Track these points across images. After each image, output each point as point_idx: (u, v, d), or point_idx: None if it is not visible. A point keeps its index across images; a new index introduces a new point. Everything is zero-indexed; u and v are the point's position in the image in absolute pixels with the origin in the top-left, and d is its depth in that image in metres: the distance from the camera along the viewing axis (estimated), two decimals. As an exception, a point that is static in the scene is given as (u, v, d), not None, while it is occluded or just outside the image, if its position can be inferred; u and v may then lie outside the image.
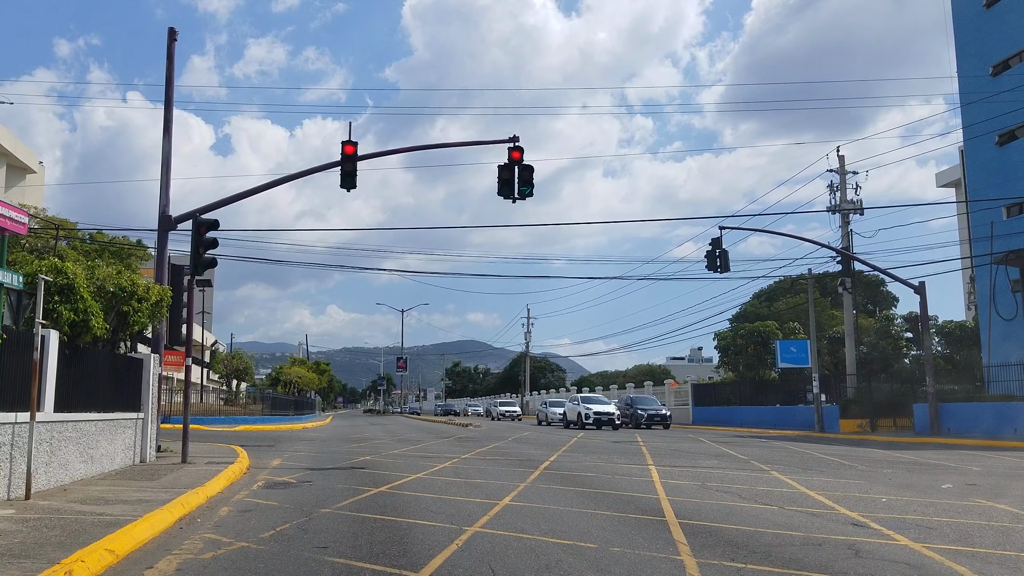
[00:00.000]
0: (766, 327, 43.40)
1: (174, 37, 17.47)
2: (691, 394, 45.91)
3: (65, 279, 10.53)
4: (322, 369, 76.01)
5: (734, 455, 18.75)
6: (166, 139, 17.25)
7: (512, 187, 17.56)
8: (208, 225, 14.39)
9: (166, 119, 17.27)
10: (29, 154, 42.95)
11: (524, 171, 17.56)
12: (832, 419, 31.94)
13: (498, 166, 17.66)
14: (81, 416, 11.20)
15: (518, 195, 17.58)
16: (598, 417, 36.55)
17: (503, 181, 17.56)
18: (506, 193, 17.54)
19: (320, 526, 8.08)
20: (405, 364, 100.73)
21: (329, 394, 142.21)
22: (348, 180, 17.16)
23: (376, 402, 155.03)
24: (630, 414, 39.42)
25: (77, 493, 9.89)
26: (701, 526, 8.09)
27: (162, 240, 16.70)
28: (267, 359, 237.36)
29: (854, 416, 31.26)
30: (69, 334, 10.73)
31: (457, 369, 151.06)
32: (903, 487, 11.99)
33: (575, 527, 8.01)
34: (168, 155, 17.23)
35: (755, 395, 42.46)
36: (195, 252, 14.22)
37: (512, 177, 17.61)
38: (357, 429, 38.16)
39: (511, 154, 17.72)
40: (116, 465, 12.88)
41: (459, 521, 8.34)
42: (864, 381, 33.30)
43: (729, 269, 25.99)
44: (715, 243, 26.05)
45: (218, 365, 45.43)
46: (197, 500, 9.86)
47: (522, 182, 17.57)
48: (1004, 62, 34.64)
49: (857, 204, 32.62)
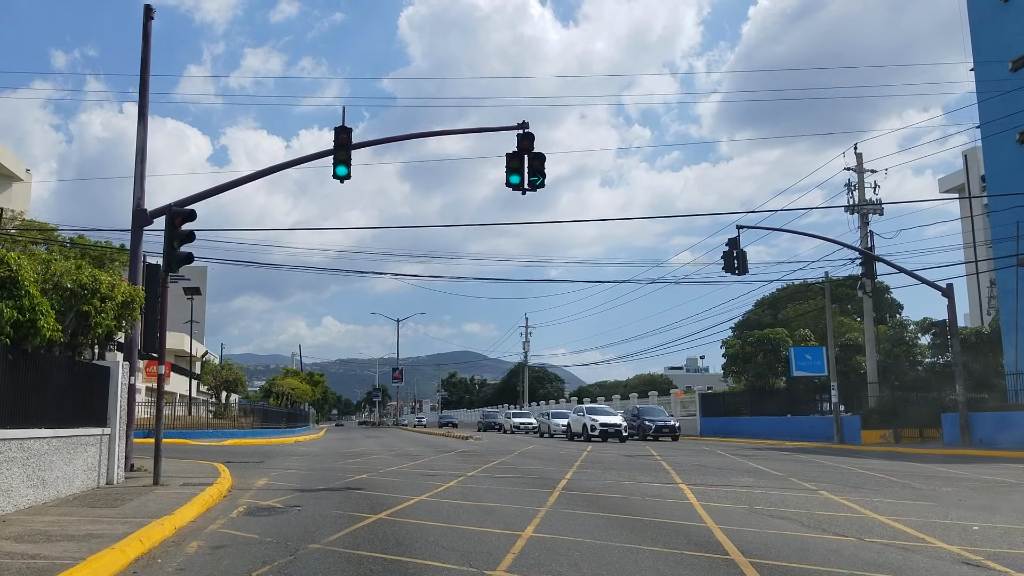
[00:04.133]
0: (776, 334, 41.84)
1: (150, 15, 15.92)
2: (698, 404, 44.31)
3: (7, 271, 8.91)
4: (316, 380, 74.16)
5: (766, 471, 17.16)
6: (141, 127, 15.68)
7: (521, 177, 16.03)
8: (184, 216, 12.80)
9: (141, 104, 15.70)
10: (15, 161, 41.37)
11: (535, 160, 16.02)
12: (853, 430, 30.36)
13: (506, 155, 16.13)
14: (29, 433, 9.57)
15: (528, 186, 16.04)
16: (604, 429, 34.92)
17: (512, 170, 16.04)
18: (515, 183, 16.00)
19: (307, 570, 6.48)
20: (401, 375, 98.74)
21: (324, 406, 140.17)
22: (342, 168, 15.62)
23: (371, 414, 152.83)
24: (637, 425, 37.80)
25: (16, 526, 8.25)
26: (778, 567, 6.51)
27: (136, 237, 15.10)
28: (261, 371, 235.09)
29: (876, 426, 29.69)
30: (12, 336, 9.11)
31: (453, 380, 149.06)
32: (984, 510, 10.41)
33: (625, 570, 6.41)
34: (143, 144, 15.65)
35: (765, 405, 40.89)
36: (169, 246, 12.62)
37: (522, 166, 16.08)
38: (352, 442, 36.44)
39: (520, 142, 16.20)
40: (76, 488, 11.23)
41: (479, 562, 6.74)
42: (886, 389, 31.74)
43: (747, 271, 24.51)
44: (732, 243, 24.54)
45: (207, 376, 43.66)
46: (162, 533, 8.24)
47: (532, 171, 16.03)
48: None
49: (876, 204, 31.13)
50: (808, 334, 43.42)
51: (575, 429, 37.33)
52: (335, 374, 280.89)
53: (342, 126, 15.71)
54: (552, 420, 43.16)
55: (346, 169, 15.75)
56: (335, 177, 15.70)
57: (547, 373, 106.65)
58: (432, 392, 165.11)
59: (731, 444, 32.79)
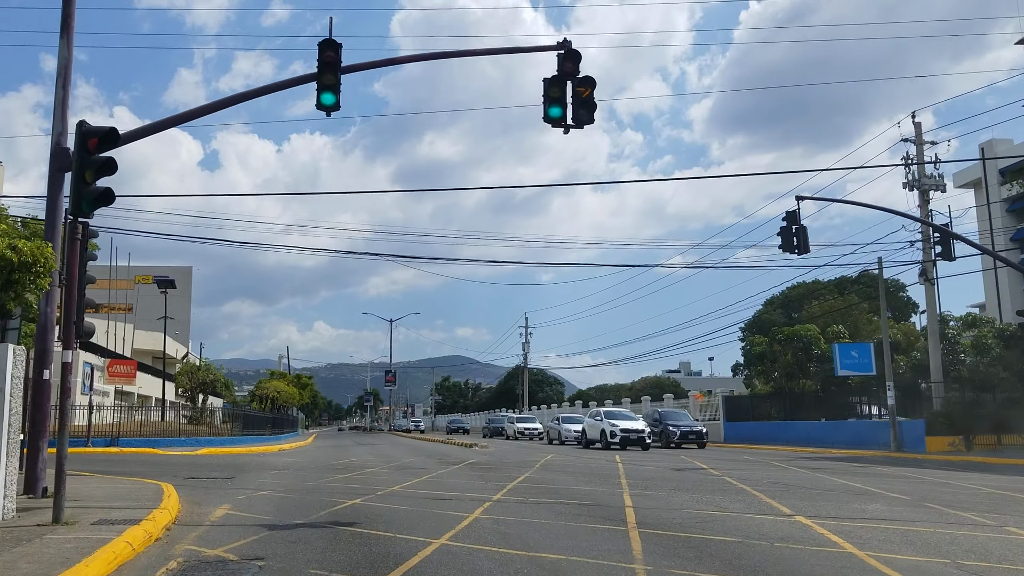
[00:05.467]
0: (807, 331, 38.18)
1: None
2: (722, 407, 40.54)
3: None
4: (304, 383, 69.99)
5: (875, 491, 13.41)
6: (64, 40, 11.85)
7: (564, 109, 12.28)
8: (102, 138, 8.98)
9: (65, 11, 11.88)
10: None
11: (581, 84, 12.26)
12: (913, 436, 26.69)
13: (544, 81, 12.37)
14: None
15: (572, 121, 12.29)
16: (626, 435, 31.12)
17: (551, 100, 12.28)
18: (556, 116, 12.25)
19: None
20: (394, 378, 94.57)
21: (313, 411, 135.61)
22: (328, 95, 11.85)
23: (362, 419, 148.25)
24: (660, 431, 34.06)
25: None
26: None
27: (55, 182, 11.24)
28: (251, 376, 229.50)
29: (942, 432, 26.02)
30: None
31: (447, 384, 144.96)
32: None
33: None
34: (67, 62, 11.82)
35: (795, 409, 37.21)
36: (79, 177, 8.80)
37: (563, 95, 12.33)
38: (343, 451, 32.54)
39: (562, 64, 12.45)
40: (-80, 534, 7.39)
41: None
42: (953, 389, 28.08)
43: (809, 250, 20.81)
44: (790, 218, 20.85)
45: (181, 378, 39.61)
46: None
47: (579, 103, 12.27)
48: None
49: (938, 180, 27.53)
50: (842, 330, 39.76)
51: (591, 435, 33.53)
52: (325, 379, 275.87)
53: (329, 39, 11.94)
54: (563, 425, 39.30)
55: (333, 97, 11.99)
56: (321, 107, 11.92)
57: (546, 376, 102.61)
58: (424, 396, 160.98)
59: (770, 452, 29.07)
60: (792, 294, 64.03)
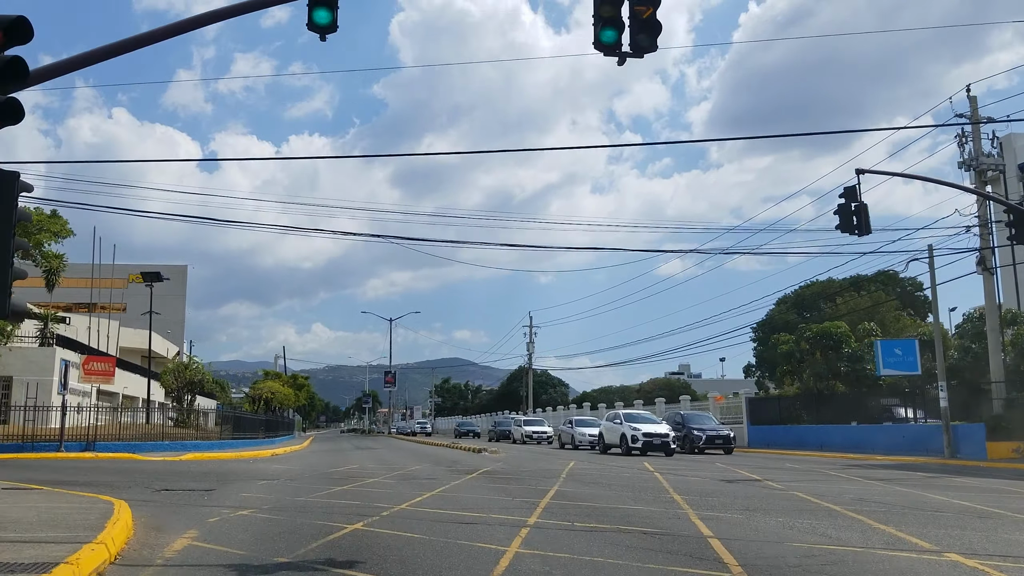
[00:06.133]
0: (838, 328, 35.68)
1: None
2: (745, 410, 38.01)
3: None
4: (300, 384, 67.41)
5: (1008, 514, 10.92)
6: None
7: (619, 33, 9.82)
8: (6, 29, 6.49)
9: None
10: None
11: (641, 2, 9.77)
12: (972, 442, 24.23)
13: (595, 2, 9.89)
14: None
15: (630, 48, 9.82)
16: (648, 440, 28.66)
17: (604, 22, 9.81)
18: (610, 42, 9.77)
19: None
20: (394, 379, 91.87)
21: (311, 412, 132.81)
22: (322, 12, 9.40)
23: (360, 421, 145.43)
24: (682, 435, 31.60)
25: None
26: None
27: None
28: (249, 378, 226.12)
29: (1004, 438, 23.56)
30: None
31: (446, 386, 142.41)
32: None
33: None
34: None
35: (824, 411, 34.74)
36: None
37: (617, 15, 9.87)
38: (341, 456, 30.03)
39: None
40: None
41: None
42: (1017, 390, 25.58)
43: (871, 230, 18.32)
44: (849, 194, 18.35)
45: (167, 377, 37.04)
46: None
47: (638, 25, 9.79)
48: None
49: (998, 160, 25.09)
50: (874, 328, 37.27)
51: (609, 439, 31.04)
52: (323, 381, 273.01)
53: (324, -58, 9.44)
54: (576, 428, 36.74)
55: (329, 16, 9.50)
56: (313, 28, 9.44)
57: (550, 378, 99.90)
58: (423, 399, 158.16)
59: (808, 459, 26.60)
60: (805, 293, 61.82)
